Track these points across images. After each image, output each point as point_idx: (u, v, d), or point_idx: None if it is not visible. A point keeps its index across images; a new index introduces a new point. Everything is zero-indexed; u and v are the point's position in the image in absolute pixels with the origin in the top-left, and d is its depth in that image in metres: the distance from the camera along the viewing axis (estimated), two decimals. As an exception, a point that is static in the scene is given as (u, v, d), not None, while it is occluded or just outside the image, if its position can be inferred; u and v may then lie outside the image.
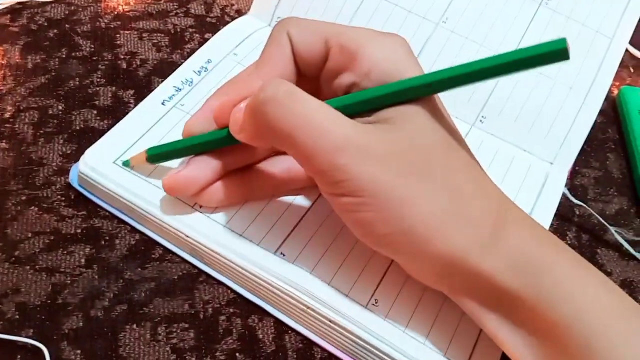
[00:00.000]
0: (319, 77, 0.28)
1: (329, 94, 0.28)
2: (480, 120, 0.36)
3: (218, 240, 0.29)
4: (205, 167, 0.29)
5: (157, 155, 0.30)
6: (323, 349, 0.28)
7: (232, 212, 0.30)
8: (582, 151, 0.37)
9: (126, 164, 0.31)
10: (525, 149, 0.36)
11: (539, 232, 0.26)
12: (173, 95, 0.34)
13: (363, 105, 0.26)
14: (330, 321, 0.27)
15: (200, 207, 0.30)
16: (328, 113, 0.25)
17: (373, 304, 0.28)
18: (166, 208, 0.29)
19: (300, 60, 0.28)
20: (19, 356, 0.26)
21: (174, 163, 0.31)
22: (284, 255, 0.29)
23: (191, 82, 0.35)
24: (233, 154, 0.29)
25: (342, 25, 0.28)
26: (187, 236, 0.29)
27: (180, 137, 0.30)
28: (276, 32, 0.28)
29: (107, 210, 0.31)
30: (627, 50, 0.45)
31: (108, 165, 0.30)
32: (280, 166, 0.31)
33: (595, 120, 0.36)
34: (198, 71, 0.36)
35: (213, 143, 0.28)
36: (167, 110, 0.33)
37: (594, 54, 0.37)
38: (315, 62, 0.28)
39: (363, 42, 0.26)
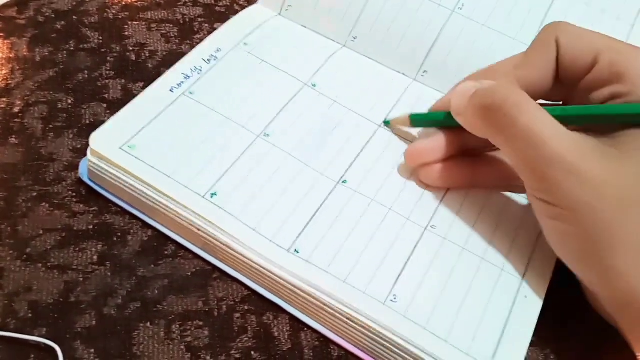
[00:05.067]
0: (574, 84, 0.28)
1: (582, 102, 0.28)
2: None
3: (230, 233, 0.28)
4: (441, 142, 0.30)
5: (418, 120, 0.32)
6: (340, 347, 0.28)
7: (244, 204, 0.29)
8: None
9: (387, 123, 0.34)
10: None
11: None
12: (182, 82, 0.33)
13: (600, 119, 0.26)
14: (348, 318, 0.27)
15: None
16: (550, 126, 0.25)
17: (392, 300, 0.27)
18: (177, 197, 0.29)
19: (563, 68, 0.28)
20: (32, 355, 0.26)
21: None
22: (298, 252, 0.28)
23: (200, 70, 0.34)
24: (469, 136, 0.29)
25: (614, 39, 0.28)
26: (199, 229, 0.28)
27: (190, 127, 0.31)
28: (544, 35, 0.28)
29: (118, 206, 0.31)
30: None
31: (116, 150, 0.30)
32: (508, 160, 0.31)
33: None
34: (207, 59, 0.35)
35: (451, 120, 0.29)
36: (176, 98, 0.32)
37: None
38: (578, 71, 0.27)
39: (635, 61, 0.26)
